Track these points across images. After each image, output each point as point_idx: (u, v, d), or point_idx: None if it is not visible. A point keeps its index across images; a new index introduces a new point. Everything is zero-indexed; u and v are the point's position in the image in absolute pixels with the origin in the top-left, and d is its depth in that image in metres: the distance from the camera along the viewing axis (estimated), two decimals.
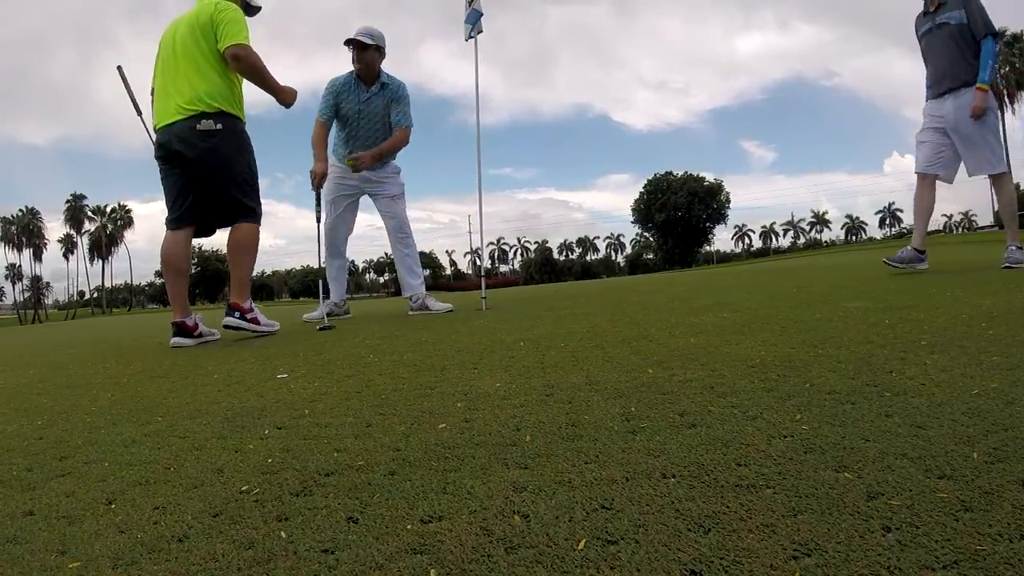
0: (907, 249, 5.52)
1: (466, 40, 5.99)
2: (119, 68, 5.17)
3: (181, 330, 4.42)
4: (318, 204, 5.66)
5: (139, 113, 5.05)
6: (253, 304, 4.57)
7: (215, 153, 4.34)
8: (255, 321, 4.48)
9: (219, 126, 4.33)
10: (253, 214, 4.54)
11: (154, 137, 4.56)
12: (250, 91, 4.68)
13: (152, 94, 4.68)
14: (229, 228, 4.58)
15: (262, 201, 4.73)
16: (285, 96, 4.70)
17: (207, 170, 4.37)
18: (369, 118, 5.61)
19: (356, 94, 5.57)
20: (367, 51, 5.45)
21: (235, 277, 4.50)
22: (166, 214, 4.54)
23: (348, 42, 5.50)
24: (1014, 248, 5.21)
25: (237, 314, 4.43)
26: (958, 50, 5.29)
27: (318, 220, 5.72)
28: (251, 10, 4.77)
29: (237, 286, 4.48)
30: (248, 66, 4.41)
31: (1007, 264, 5.17)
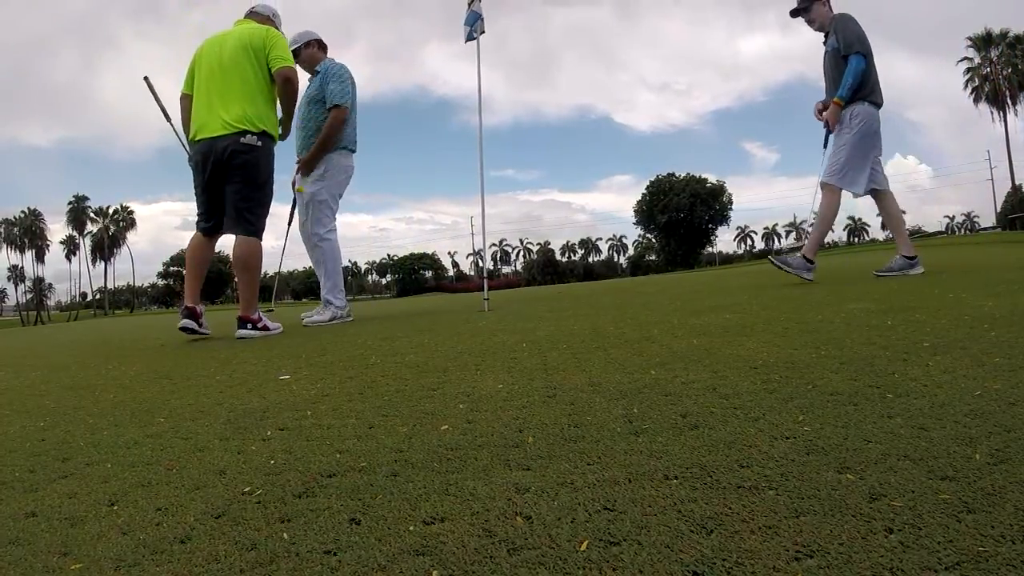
0: (896, 258, 5.63)
1: (465, 42, 6.01)
2: (146, 78, 5.48)
3: (191, 313, 4.92)
4: (293, 206, 6.03)
5: (169, 120, 5.26)
6: (260, 313, 4.93)
7: (249, 163, 4.71)
8: (264, 328, 4.85)
9: (259, 143, 4.74)
10: (254, 230, 4.82)
11: (188, 147, 4.95)
12: None
13: (183, 100, 5.02)
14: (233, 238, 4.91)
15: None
16: (289, 127, 5.19)
17: (237, 175, 4.71)
18: (305, 102, 5.78)
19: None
20: (298, 56, 5.73)
21: (242, 293, 4.87)
22: (198, 219, 4.96)
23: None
24: (799, 256, 5.58)
25: (249, 325, 4.80)
26: (835, 73, 5.63)
27: (289, 224, 6.12)
28: None
29: (245, 300, 4.84)
30: (293, 90, 4.88)
31: (774, 260, 5.73)
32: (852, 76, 5.36)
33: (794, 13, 5.80)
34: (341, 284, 5.73)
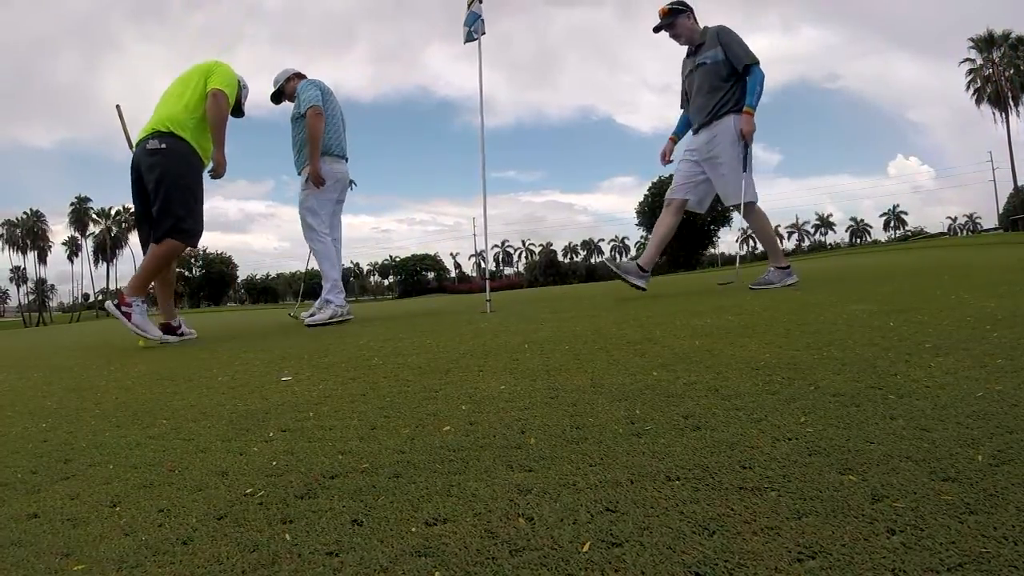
0: (632, 263, 5.83)
1: (464, 43, 6.00)
2: (117, 107, 5.63)
3: (168, 329, 5.20)
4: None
5: (131, 147, 5.31)
6: (138, 301, 4.88)
7: (156, 169, 4.79)
8: (128, 316, 4.79)
9: (163, 145, 4.79)
10: (179, 232, 4.88)
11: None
12: (254, 90, 5.02)
13: None
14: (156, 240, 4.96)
15: (267, 202, 5.15)
16: (219, 158, 5.09)
17: (150, 183, 4.83)
18: (292, 126, 6.04)
19: None
20: (284, 94, 6.09)
21: (136, 273, 4.96)
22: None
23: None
24: (772, 269, 5.56)
25: (115, 302, 4.84)
26: (713, 87, 5.57)
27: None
28: (239, 110, 5.39)
29: (133, 281, 4.93)
30: (217, 111, 4.93)
31: (752, 284, 5.56)
32: (760, 85, 5.35)
33: (657, 29, 5.73)
34: (340, 285, 5.80)
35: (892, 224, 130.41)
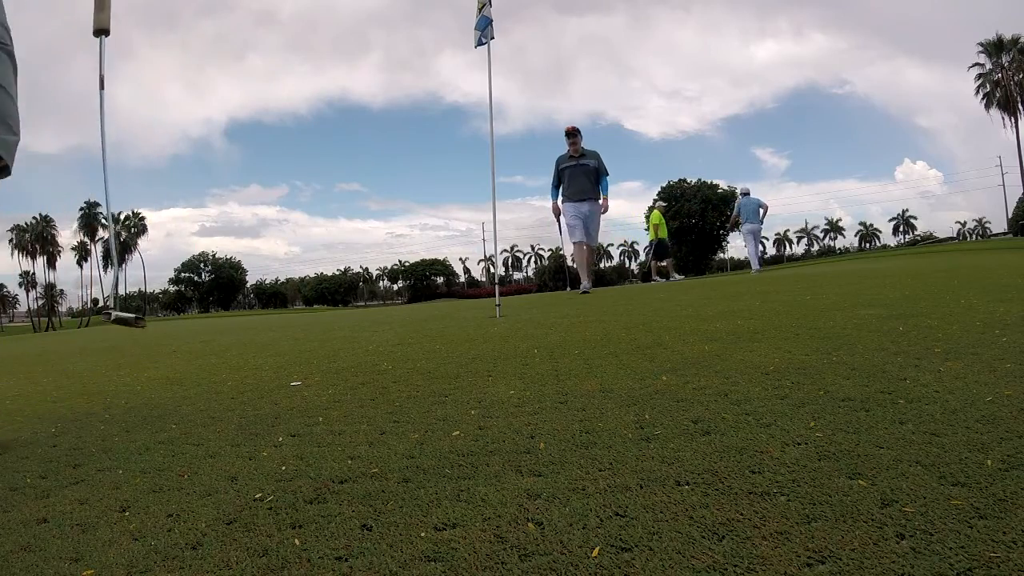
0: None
1: (475, 47, 6.01)
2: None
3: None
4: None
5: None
6: None
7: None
8: None
9: None
10: None
11: None
12: (267, 97, 4.78)
13: None
14: None
15: (278, 208, 4.85)
16: None
17: None
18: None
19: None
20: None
21: None
22: None
23: None
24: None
25: None
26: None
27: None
28: None
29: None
30: None
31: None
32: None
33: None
34: None
35: (901, 229, 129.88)
